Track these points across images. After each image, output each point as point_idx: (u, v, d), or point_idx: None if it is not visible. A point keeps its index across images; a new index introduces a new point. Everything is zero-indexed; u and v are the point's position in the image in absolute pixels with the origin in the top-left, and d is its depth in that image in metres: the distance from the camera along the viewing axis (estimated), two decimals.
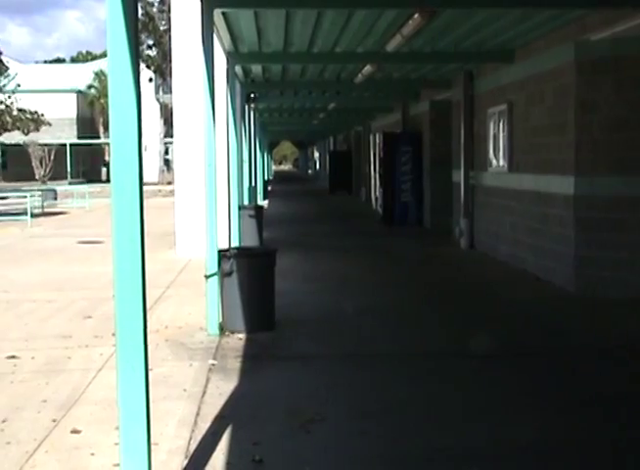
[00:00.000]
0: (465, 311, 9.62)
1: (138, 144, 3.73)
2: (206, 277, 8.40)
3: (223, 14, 10.01)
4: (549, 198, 11.37)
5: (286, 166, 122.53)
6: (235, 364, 7.12)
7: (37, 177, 56.37)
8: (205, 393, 6.28)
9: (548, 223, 11.41)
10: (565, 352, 7.58)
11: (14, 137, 53.18)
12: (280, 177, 70.63)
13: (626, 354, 7.51)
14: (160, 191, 42.80)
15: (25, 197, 25.89)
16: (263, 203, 26.92)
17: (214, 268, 8.36)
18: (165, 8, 51.84)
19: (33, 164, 57.24)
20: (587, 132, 10.24)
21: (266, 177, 43.47)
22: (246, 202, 16.49)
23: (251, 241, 14.93)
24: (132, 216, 3.71)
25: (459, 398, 6.20)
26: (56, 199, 33.98)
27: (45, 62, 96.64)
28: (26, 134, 50.99)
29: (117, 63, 3.71)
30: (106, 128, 66.38)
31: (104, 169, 66.32)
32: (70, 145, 60.18)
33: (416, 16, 9.88)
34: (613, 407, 5.92)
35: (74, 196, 34.70)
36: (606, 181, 10.19)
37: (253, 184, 21.31)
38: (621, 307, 9.51)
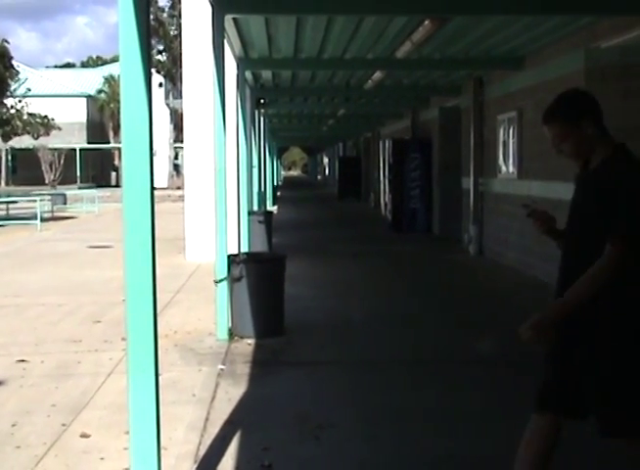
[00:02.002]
0: (474, 318, 9.61)
1: (149, 149, 3.74)
2: (216, 282, 8.42)
3: (234, 19, 10.04)
4: (558, 205, 11.35)
5: (295, 172, 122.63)
6: (244, 370, 7.13)
7: (47, 182, 56.57)
8: (214, 398, 6.28)
9: None
10: None
11: (24, 141, 53.35)
12: (289, 183, 70.69)
13: None
14: (169, 196, 42.87)
15: (35, 201, 25.97)
16: (272, 208, 26.95)
17: (224, 274, 8.37)
18: (176, 13, 52.04)
19: (43, 168, 57.45)
20: None
21: (275, 183, 43.49)
22: (255, 207, 16.51)
23: (261, 246, 14.95)
24: (143, 221, 3.72)
25: (469, 403, 6.19)
26: (65, 203, 34.06)
27: (55, 66, 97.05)
28: (36, 139, 51.15)
29: (129, 67, 3.72)
30: (115, 133, 66.59)
31: (113, 174, 66.51)
32: (80, 149, 60.38)
33: (426, 22, 9.90)
34: None
35: (84, 200, 34.79)
36: None
37: (263, 189, 21.35)
38: None
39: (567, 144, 3.66)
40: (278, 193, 40.54)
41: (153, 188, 3.78)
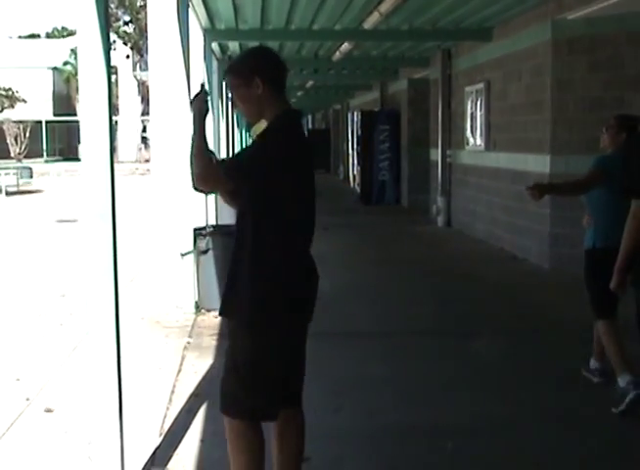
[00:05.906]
0: (442, 289, 9.65)
1: (109, 120, 3.69)
2: (182, 255, 8.37)
3: None
4: (525, 176, 11.39)
5: None
6: (210, 342, 7.12)
7: (12, 155, 55.83)
8: (180, 371, 6.27)
9: (524, 202, 11.43)
10: (539, 329, 7.63)
11: None
12: None
13: None
14: (137, 169, 42.50)
15: (0, 175, 25.63)
16: None
17: (190, 247, 8.33)
18: None
19: (8, 141, 56.65)
20: (563, 111, 10.27)
21: None
22: None
23: (228, 219, 14.85)
24: (103, 193, 3.68)
25: (436, 374, 6.23)
26: (31, 177, 33.61)
27: (19, 37, 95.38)
28: (1, 111, 50.43)
29: (87, 37, 3.66)
30: None
31: (80, 147, 65.74)
32: (46, 122, 59.59)
33: None
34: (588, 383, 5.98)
35: (50, 174, 34.39)
36: (581, 160, 10.19)
37: None
38: None
39: (238, 100, 3.47)
40: None
41: (112, 160, 3.73)
